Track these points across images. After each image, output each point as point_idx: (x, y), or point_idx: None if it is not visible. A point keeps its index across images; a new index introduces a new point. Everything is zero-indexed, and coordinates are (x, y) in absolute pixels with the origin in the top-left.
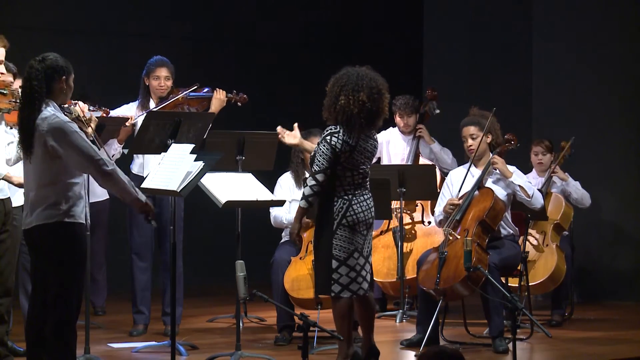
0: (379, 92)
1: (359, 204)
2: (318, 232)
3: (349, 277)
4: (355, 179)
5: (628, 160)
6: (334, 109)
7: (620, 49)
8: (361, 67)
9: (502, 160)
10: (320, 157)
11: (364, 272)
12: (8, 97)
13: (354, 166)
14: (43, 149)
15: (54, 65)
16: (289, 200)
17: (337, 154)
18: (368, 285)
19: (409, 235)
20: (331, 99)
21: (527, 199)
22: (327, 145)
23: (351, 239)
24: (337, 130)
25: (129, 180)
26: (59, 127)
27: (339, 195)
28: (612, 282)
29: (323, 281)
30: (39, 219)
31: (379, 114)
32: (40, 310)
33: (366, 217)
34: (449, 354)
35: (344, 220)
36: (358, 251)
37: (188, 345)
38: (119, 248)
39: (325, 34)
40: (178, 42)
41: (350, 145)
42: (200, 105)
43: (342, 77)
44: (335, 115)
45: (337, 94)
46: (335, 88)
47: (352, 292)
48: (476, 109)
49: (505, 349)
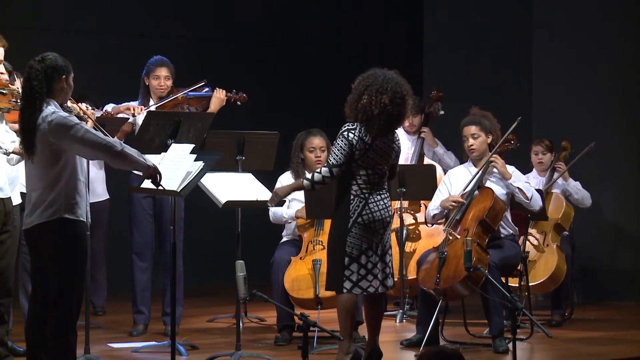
0: (402, 97)
1: (375, 203)
2: (333, 229)
3: (360, 274)
4: (371, 178)
5: (628, 160)
6: (355, 107)
7: (620, 49)
8: (389, 70)
9: (502, 161)
10: (337, 151)
11: (376, 270)
12: (8, 97)
13: (369, 165)
14: (47, 148)
15: (53, 65)
16: (289, 199)
17: (353, 150)
18: (380, 284)
19: (412, 235)
20: (355, 96)
21: (525, 201)
22: (345, 140)
23: (365, 237)
24: (354, 127)
25: (136, 151)
26: (59, 123)
27: (356, 194)
28: (612, 282)
29: (334, 277)
30: (40, 218)
31: (399, 119)
32: (40, 310)
33: (382, 216)
34: (449, 354)
35: (360, 218)
36: (372, 249)
37: (188, 345)
38: (119, 248)
39: (326, 34)
40: (178, 42)
41: (366, 143)
42: (199, 104)
43: (369, 77)
44: (357, 113)
45: (361, 93)
46: (360, 86)
47: (363, 289)
48: (477, 109)
49: (505, 349)
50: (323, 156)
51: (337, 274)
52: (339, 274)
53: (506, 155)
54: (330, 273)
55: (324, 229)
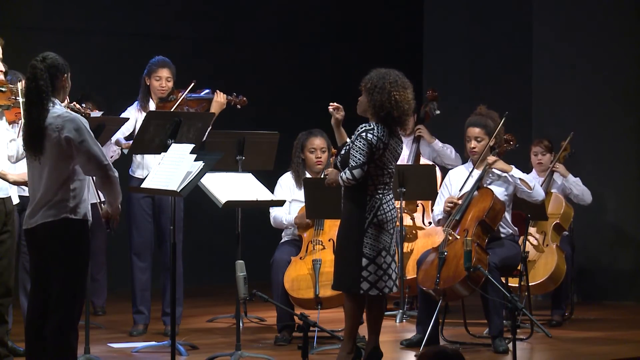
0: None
1: (387, 204)
2: (347, 230)
3: (377, 275)
4: (385, 178)
5: (628, 160)
6: (372, 105)
7: (620, 49)
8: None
9: (498, 159)
10: (357, 153)
11: (390, 270)
12: (7, 94)
13: (384, 165)
14: (57, 148)
15: (55, 64)
16: (289, 201)
17: (373, 150)
18: (394, 284)
19: (410, 235)
20: (368, 95)
21: (528, 192)
22: (364, 141)
23: (380, 238)
24: (371, 127)
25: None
26: (75, 123)
27: (372, 194)
28: (612, 282)
29: (348, 278)
30: (45, 217)
31: (408, 114)
32: (40, 310)
33: (393, 216)
34: (449, 354)
35: (375, 219)
36: (386, 250)
37: (188, 345)
38: (119, 248)
39: (326, 33)
40: (178, 42)
41: (384, 142)
42: (199, 106)
43: (379, 77)
44: (372, 109)
45: (373, 89)
46: (370, 85)
47: (379, 289)
48: (484, 108)
49: (505, 349)
50: (324, 157)
51: (353, 274)
52: (355, 275)
53: (505, 155)
54: (342, 273)
55: (324, 229)
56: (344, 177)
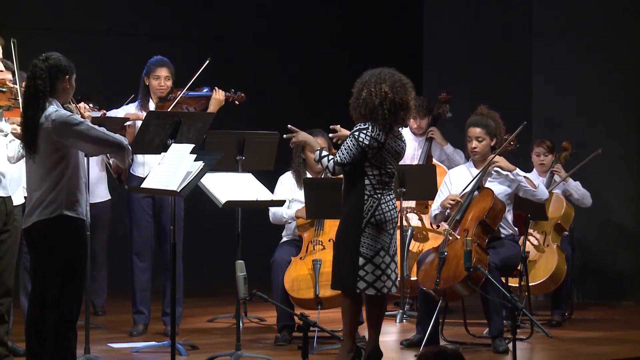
0: (402, 85)
1: (386, 203)
2: (345, 229)
3: (375, 275)
4: (383, 177)
5: (628, 160)
6: (357, 104)
7: (620, 49)
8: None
9: (502, 157)
10: (345, 151)
11: (389, 270)
12: (7, 95)
13: (381, 164)
14: (50, 147)
15: (57, 65)
16: (290, 200)
17: (364, 150)
18: (392, 284)
19: (420, 235)
20: (355, 95)
21: (533, 191)
22: (354, 141)
23: (378, 238)
24: (365, 127)
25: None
26: (63, 121)
27: (369, 194)
28: (612, 283)
29: (345, 277)
30: (40, 215)
31: (403, 106)
32: (40, 309)
33: (392, 216)
34: (449, 354)
35: (373, 219)
36: (384, 250)
37: (188, 345)
38: (119, 248)
39: (326, 34)
40: (178, 42)
41: (379, 142)
42: (198, 104)
43: (364, 75)
44: (359, 109)
45: (360, 89)
46: (358, 84)
47: (377, 289)
48: (484, 108)
49: (505, 349)
50: None
51: (349, 273)
52: (352, 274)
53: (506, 156)
54: (339, 272)
55: (324, 229)
56: (325, 163)
